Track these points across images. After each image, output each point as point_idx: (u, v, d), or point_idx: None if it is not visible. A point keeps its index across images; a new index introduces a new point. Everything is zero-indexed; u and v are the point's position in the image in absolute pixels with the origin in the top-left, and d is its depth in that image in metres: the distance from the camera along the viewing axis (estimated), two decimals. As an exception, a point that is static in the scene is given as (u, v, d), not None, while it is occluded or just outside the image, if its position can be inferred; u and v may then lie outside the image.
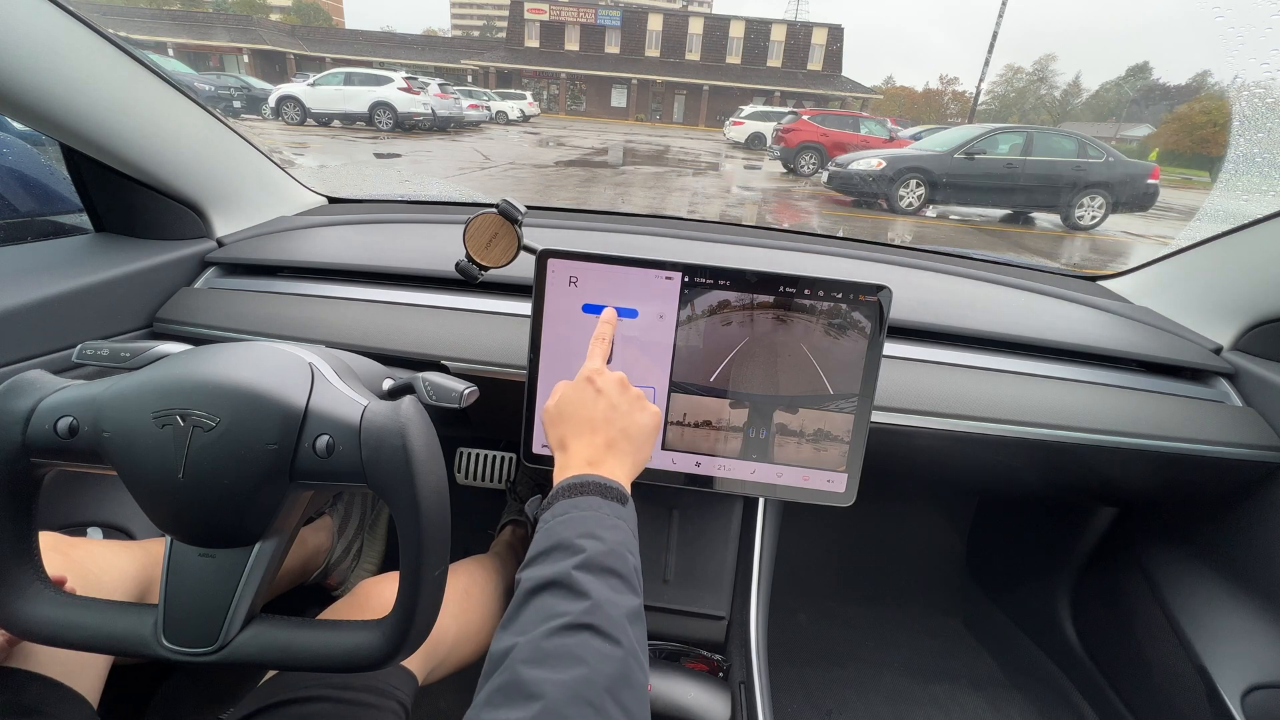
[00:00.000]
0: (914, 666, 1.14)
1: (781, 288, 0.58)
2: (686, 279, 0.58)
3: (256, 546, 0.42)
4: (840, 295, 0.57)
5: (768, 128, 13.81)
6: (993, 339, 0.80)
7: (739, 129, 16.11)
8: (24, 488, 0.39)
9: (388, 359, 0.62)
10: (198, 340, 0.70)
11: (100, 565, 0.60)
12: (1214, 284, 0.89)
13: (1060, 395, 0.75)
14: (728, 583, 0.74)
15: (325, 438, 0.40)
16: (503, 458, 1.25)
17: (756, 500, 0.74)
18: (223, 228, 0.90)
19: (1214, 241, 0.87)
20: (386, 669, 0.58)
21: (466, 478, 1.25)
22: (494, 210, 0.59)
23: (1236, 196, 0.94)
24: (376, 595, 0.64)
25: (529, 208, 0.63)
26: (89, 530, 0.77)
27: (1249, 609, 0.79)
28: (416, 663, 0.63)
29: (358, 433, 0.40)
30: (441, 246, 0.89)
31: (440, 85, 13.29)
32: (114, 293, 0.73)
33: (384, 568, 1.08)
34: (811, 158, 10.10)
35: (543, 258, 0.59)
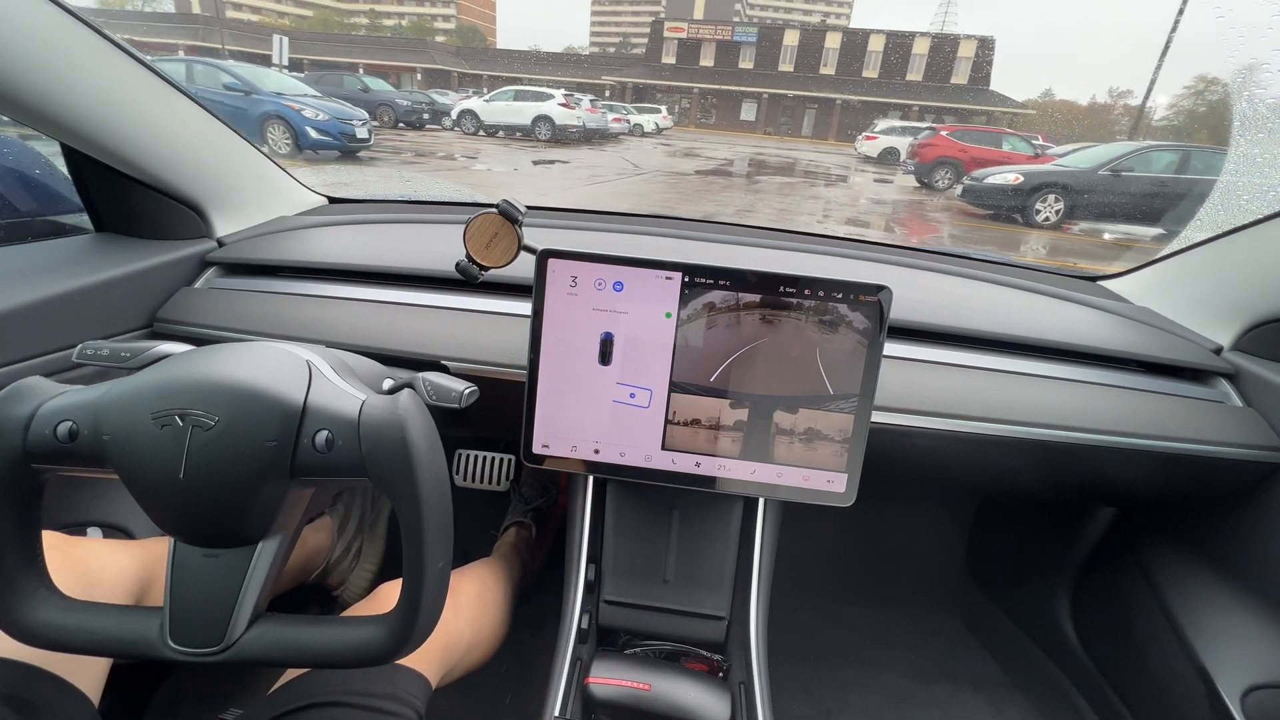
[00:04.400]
0: (914, 667, 1.14)
1: (781, 288, 0.58)
2: (687, 279, 0.58)
3: (260, 545, 0.42)
4: (840, 295, 0.57)
5: (902, 143, 13.76)
6: (993, 339, 0.80)
7: (871, 143, 15.96)
8: (26, 494, 0.39)
9: (388, 359, 0.62)
10: (198, 340, 0.70)
11: (100, 564, 0.60)
12: (1214, 284, 0.89)
13: (1060, 395, 0.75)
14: (728, 583, 0.74)
15: (324, 433, 0.40)
16: (501, 459, 1.25)
17: (757, 500, 0.74)
18: (223, 228, 0.90)
19: (1214, 241, 0.87)
20: (404, 675, 0.58)
21: (465, 480, 1.25)
22: (494, 210, 0.59)
23: (1237, 196, 0.94)
24: (395, 598, 0.65)
25: (529, 208, 0.63)
26: (89, 530, 0.77)
27: (1249, 609, 0.79)
28: (433, 668, 0.63)
29: (356, 427, 0.40)
30: (441, 246, 0.89)
31: (591, 101, 14.89)
32: (114, 293, 0.73)
33: (384, 568, 1.08)
34: (947, 173, 9.99)
35: (543, 258, 0.59)
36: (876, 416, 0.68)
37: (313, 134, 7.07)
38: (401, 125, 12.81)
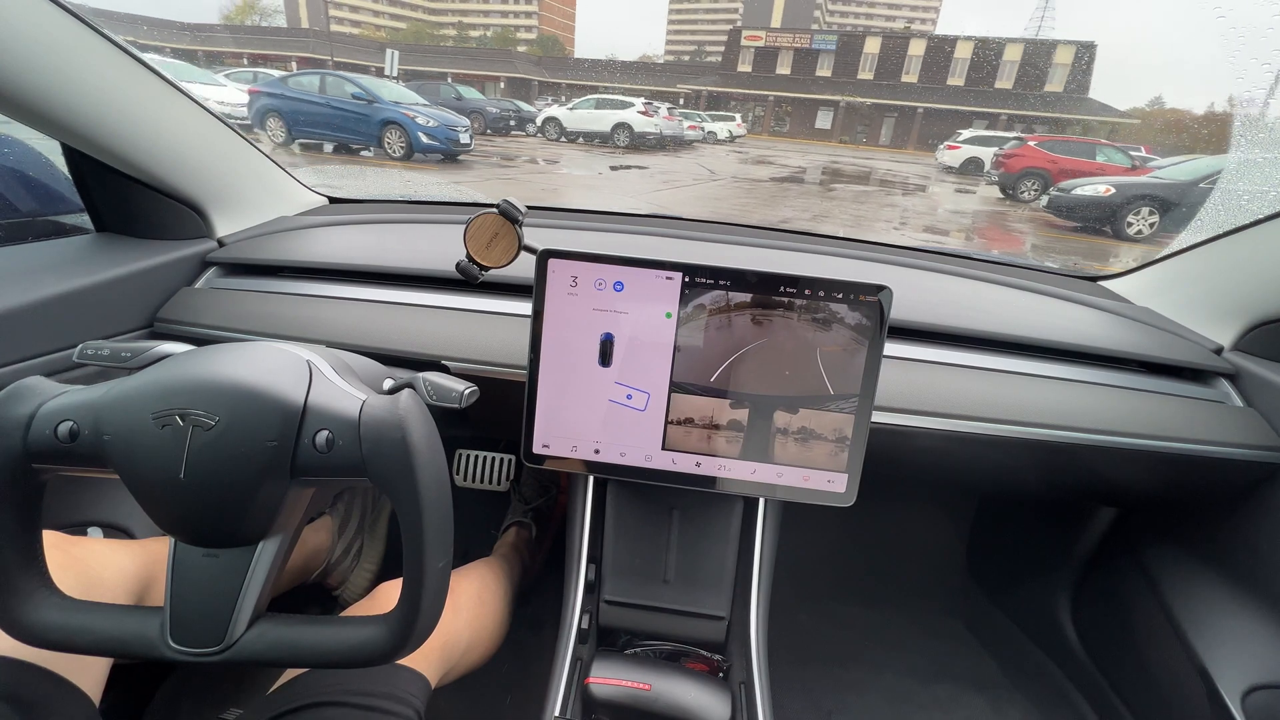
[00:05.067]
0: (914, 667, 1.14)
1: (782, 288, 0.58)
2: (687, 279, 0.58)
3: (260, 545, 0.42)
4: (840, 295, 0.57)
5: (986, 153, 13.34)
6: (993, 339, 0.80)
7: (954, 153, 15.39)
8: (27, 493, 0.39)
9: (388, 359, 0.62)
10: (199, 340, 0.70)
11: (101, 563, 0.60)
12: (1215, 284, 0.89)
13: (1061, 395, 0.75)
14: (728, 583, 0.74)
15: (325, 433, 0.40)
16: (501, 459, 1.25)
17: (757, 500, 0.74)
18: (223, 228, 0.90)
19: (1215, 242, 0.87)
20: (404, 675, 0.58)
21: (465, 480, 1.25)
22: (494, 210, 0.59)
23: (1237, 197, 0.94)
24: (395, 598, 0.65)
25: (530, 207, 0.63)
26: (89, 530, 0.77)
27: (1249, 609, 0.79)
28: (432, 667, 0.63)
29: (357, 427, 0.40)
30: (442, 246, 0.89)
31: (668, 109, 15.43)
32: (115, 293, 0.73)
33: (384, 567, 1.08)
34: (1033, 184, 9.61)
35: (543, 258, 0.59)
36: (877, 416, 0.68)
37: (424, 139, 7.94)
38: (489, 131, 13.33)
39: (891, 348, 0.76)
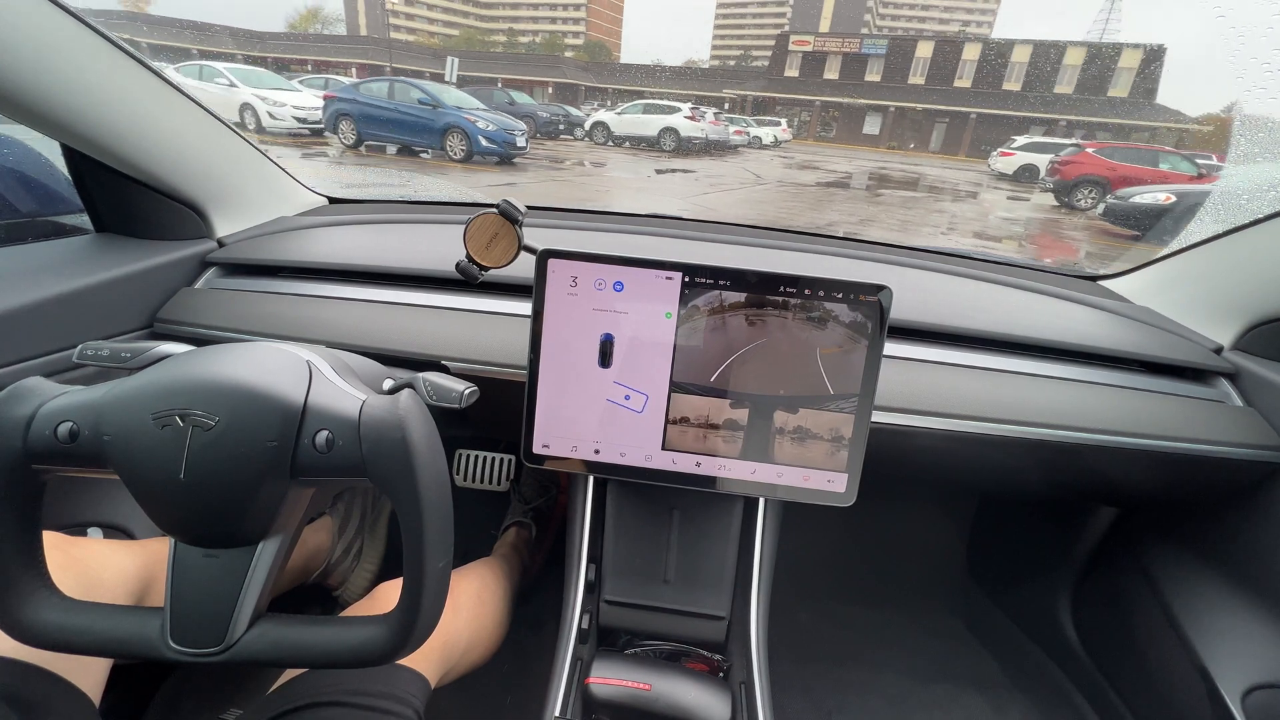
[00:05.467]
0: (915, 667, 1.14)
1: (782, 288, 0.58)
2: (687, 279, 0.58)
3: (260, 545, 0.42)
4: (840, 295, 0.57)
5: (1042, 160, 13.03)
6: (993, 339, 0.80)
7: (1008, 160, 15.00)
8: (27, 494, 0.39)
9: (388, 359, 0.62)
10: (199, 340, 0.70)
11: (101, 564, 0.60)
12: (1215, 283, 0.89)
13: (1061, 395, 0.75)
14: (728, 583, 0.74)
15: (325, 433, 0.40)
16: (501, 459, 1.26)
17: (757, 500, 0.74)
18: (223, 228, 0.90)
19: (1215, 241, 0.87)
20: (403, 675, 0.58)
21: (465, 480, 1.25)
22: (494, 210, 0.59)
23: (1237, 196, 0.93)
24: (396, 598, 0.65)
25: (530, 208, 0.63)
26: (89, 530, 0.77)
27: (1249, 609, 0.79)
28: (432, 667, 0.63)
29: (357, 427, 0.40)
30: (442, 246, 0.89)
31: (715, 114, 15.70)
32: (114, 293, 0.73)
33: (384, 567, 1.08)
34: (1091, 191, 9.32)
35: (543, 258, 0.59)
36: (877, 416, 0.68)
37: (484, 142, 8.39)
38: (539, 135, 13.62)
39: (891, 347, 0.76)
